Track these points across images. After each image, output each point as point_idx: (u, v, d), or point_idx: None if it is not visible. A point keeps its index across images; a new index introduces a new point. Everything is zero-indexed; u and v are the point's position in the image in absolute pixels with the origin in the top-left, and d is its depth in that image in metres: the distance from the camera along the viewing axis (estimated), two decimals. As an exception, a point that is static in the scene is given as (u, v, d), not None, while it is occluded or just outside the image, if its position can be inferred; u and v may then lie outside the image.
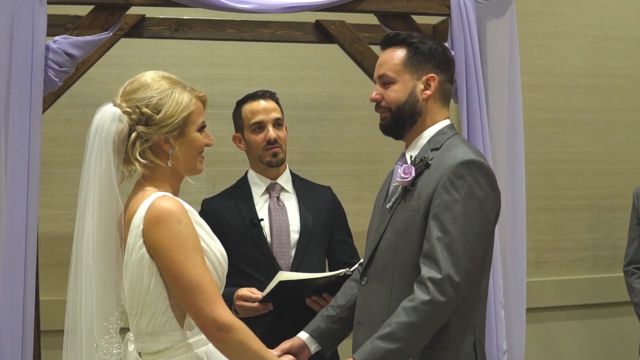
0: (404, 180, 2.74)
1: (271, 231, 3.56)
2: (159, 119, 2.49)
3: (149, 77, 2.58)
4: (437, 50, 2.85)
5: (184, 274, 2.39)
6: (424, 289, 2.56)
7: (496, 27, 3.89)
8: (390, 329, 2.57)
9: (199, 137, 2.59)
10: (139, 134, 2.49)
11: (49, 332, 3.96)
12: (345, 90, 4.89)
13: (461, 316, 2.68)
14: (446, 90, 2.87)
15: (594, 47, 5.37)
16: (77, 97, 4.35)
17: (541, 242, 5.21)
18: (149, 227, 2.42)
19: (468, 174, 2.63)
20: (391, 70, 2.83)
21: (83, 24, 3.59)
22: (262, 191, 3.64)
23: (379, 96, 2.86)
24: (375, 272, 2.80)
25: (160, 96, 2.52)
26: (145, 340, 2.52)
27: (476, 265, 2.64)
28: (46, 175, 4.14)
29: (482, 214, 2.63)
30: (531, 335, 4.32)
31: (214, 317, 2.38)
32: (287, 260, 3.55)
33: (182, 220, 2.42)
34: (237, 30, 4.04)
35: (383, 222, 2.81)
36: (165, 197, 2.46)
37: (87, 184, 2.51)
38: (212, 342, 2.46)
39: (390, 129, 2.87)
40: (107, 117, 2.49)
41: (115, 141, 2.48)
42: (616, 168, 5.39)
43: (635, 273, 4.40)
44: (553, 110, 5.28)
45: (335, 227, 3.73)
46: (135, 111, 2.50)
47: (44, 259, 3.93)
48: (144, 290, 2.46)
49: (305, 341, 2.97)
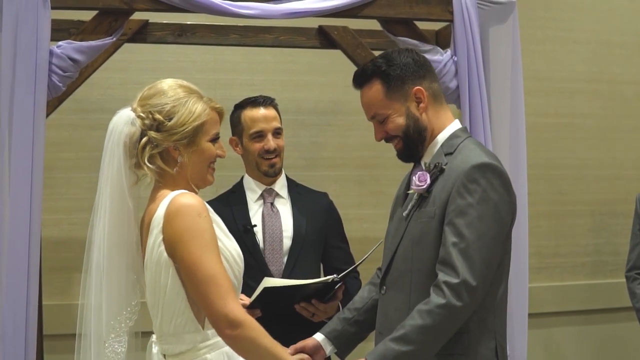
0: (419, 188, 2.72)
1: (264, 237, 3.56)
2: (170, 125, 2.52)
3: (166, 84, 2.60)
4: (407, 63, 2.79)
5: (200, 266, 2.41)
6: (439, 292, 2.54)
7: (499, 32, 3.89)
8: (403, 331, 2.55)
9: (210, 148, 2.61)
10: (150, 139, 2.53)
11: (51, 337, 3.98)
12: (348, 95, 4.84)
13: (480, 322, 2.65)
14: (435, 90, 2.83)
15: (596, 53, 5.38)
16: (81, 102, 4.37)
17: (543, 247, 5.21)
18: (168, 220, 2.46)
19: (482, 178, 2.60)
20: (378, 107, 2.79)
21: (87, 29, 3.59)
22: (257, 197, 3.64)
23: (382, 133, 2.83)
24: (393, 280, 2.78)
25: (174, 104, 2.54)
26: (169, 342, 2.55)
27: (493, 269, 2.62)
28: (49, 180, 4.15)
29: (497, 218, 2.61)
30: (533, 341, 4.32)
31: (226, 312, 2.39)
32: (279, 267, 3.55)
33: (201, 213, 2.46)
34: (240, 36, 4.05)
35: (399, 230, 2.79)
36: (185, 193, 2.50)
37: (100, 186, 2.55)
38: (223, 339, 2.47)
39: (406, 155, 2.84)
40: (122, 120, 2.54)
41: (126, 143, 2.53)
42: (618, 173, 5.39)
43: (638, 279, 4.40)
44: (555, 115, 5.29)
45: (330, 234, 3.72)
46: (148, 116, 2.53)
47: (47, 263, 3.94)
48: (162, 290, 2.49)
49: (320, 342, 2.95)
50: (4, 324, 3.30)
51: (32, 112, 3.36)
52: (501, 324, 2.75)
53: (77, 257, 4.38)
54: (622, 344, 5.18)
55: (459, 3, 3.79)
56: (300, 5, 3.68)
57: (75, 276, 4.45)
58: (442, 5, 3.83)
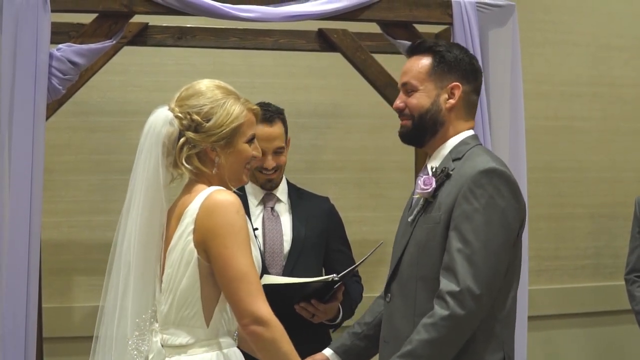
0: (424, 192, 2.69)
1: (264, 241, 3.58)
2: (208, 127, 2.54)
3: (204, 85, 2.63)
4: (463, 60, 2.79)
5: (234, 262, 2.42)
6: (442, 304, 2.51)
7: (498, 35, 3.89)
8: (411, 347, 2.52)
9: (246, 149, 2.62)
10: (188, 139, 2.54)
11: (51, 339, 3.97)
12: (348, 98, 4.90)
13: (487, 331, 2.61)
14: (471, 101, 2.81)
15: (596, 56, 5.38)
16: (81, 105, 4.37)
17: (543, 250, 5.21)
18: (204, 214, 2.47)
19: (488, 183, 2.57)
20: (415, 78, 2.77)
21: (87, 32, 3.59)
22: (258, 201, 3.66)
23: (402, 104, 2.79)
24: (399, 287, 2.75)
25: (212, 105, 2.57)
26: (170, 332, 2.55)
27: (499, 276, 2.57)
28: (49, 182, 4.15)
29: (504, 224, 2.57)
30: (533, 343, 4.32)
31: (254, 310, 2.41)
32: (278, 270, 3.56)
33: (239, 211, 2.48)
34: (240, 39, 4.05)
35: (405, 236, 2.76)
36: (223, 190, 2.53)
37: (133, 185, 2.56)
38: (246, 334, 2.47)
39: (409, 136, 2.81)
40: (160, 120, 2.55)
41: (165, 143, 2.54)
42: (618, 176, 5.39)
43: (637, 281, 4.40)
44: (555, 118, 5.29)
45: (331, 238, 3.73)
46: (186, 117, 2.55)
47: (47, 266, 3.94)
48: (179, 278, 2.50)
49: (329, 357, 2.95)
50: (4, 326, 3.30)
51: (32, 115, 3.36)
52: (509, 333, 2.70)
53: (76, 259, 4.44)
54: (622, 346, 5.18)
55: (458, 6, 3.79)
56: (300, 8, 3.68)
57: (75, 278, 4.46)
58: (442, 9, 3.83)
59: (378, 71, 3.99)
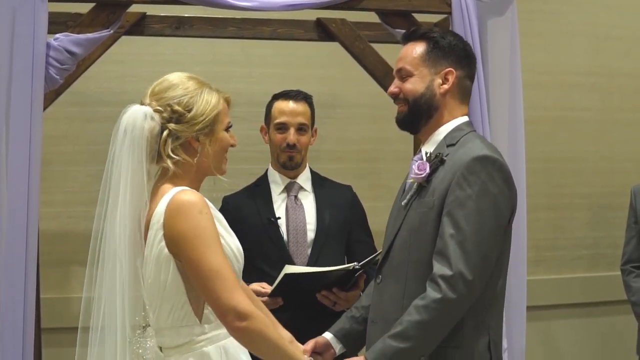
0: (418, 177, 2.72)
1: (288, 229, 3.60)
2: (191, 117, 2.55)
3: (176, 77, 2.62)
4: (457, 46, 2.83)
5: (205, 262, 2.42)
6: (435, 287, 2.55)
7: (497, 25, 3.89)
8: (401, 328, 2.56)
9: (226, 136, 2.65)
10: (171, 131, 2.54)
11: (49, 330, 3.97)
12: (346, 88, 4.89)
13: (476, 316, 2.65)
14: (465, 86, 2.85)
15: (595, 46, 5.37)
16: (78, 95, 4.35)
17: (541, 240, 5.21)
18: (169, 218, 2.47)
19: (482, 170, 2.60)
20: (409, 63, 2.81)
21: (84, 21, 3.59)
22: (281, 190, 3.69)
23: (396, 89, 2.84)
24: (390, 270, 2.79)
25: (191, 95, 2.57)
26: (165, 335, 2.56)
27: (490, 263, 2.61)
28: (47, 173, 4.14)
29: (496, 211, 2.61)
30: (531, 333, 4.32)
31: (234, 305, 2.41)
32: (303, 259, 3.58)
33: (202, 210, 2.47)
34: (238, 28, 4.04)
35: (398, 220, 2.79)
36: (185, 191, 2.51)
37: (116, 182, 2.55)
38: (230, 331, 2.48)
39: (406, 122, 2.85)
40: (139, 116, 2.53)
41: (148, 138, 2.53)
42: (616, 167, 5.39)
43: (633, 272, 4.41)
44: (553, 108, 5.28)
45: (353, 227, 3.74)
46: (166, 109, 2.55)
47: (45, 257, 3.93)
48: (162, 285, 2.50)
49: (329, 341, 2.96)
50: (2, 317, 3.30)
51: (30, 105, 3.35)
52: (497, 319, 2.76)
53: (74, 250, 4.43)
54: (620, 336, 5.19)
55: (457, -5, 3.79)
56: (298, -3, 3.69)
57: (73, 269, 4.45)
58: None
59: (377, 61, 3.99)
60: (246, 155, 4.32)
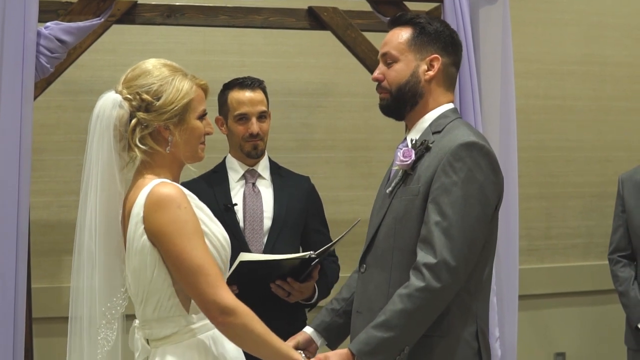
0: (403, 164, 2.70)
1: (244, 216, 3.58)
2: (159, 105, 2.51)
3: (150, 64, 2.58)
4: (443, 32, 2.81)
5: (186, 258, 2.40)
6: (419, 275, 2.52)
7: (489, 14, 3.88)
8: (385, 317, 2.54)
9: (199, 125, 2.60)
10: (139, 120, 2.51)
11: (40, 320, 3.97)
12: (338, 77, 4.88)
13: (462, 304, 2.63)
14: (450, 73, 2.83)
15: (588, 35, 5.37)
16: (69, 84, 4.34)
17: (533, 229, 5.22)
18: (149, 213, 2.44)
19: (468, 156, 2.58)
20: (395, 49, 2.79)
21: (75, 9, 3.57)
22: (239, 177, 3.66)
23: (380, 75, 2.82)
24: (375, 258, 2.76)
25: (161, 83, 2.53)
26: (152, 327, 2.54)
27: (476, 250, 2.59)
28: (38, 162, 4.13)
29: (481, 198, 2.58)
30: (523, 322, 4.33)
31: (217, 300, 2.40)
32: (259, 247, 3.56)
33: (181, 204, 2.44)
34: (230, 17, 4.02)
35: (383, 207, 2.77)
36: (164, 183, 2.48)
37: (88, 171, 2.53)
38: (215, 326, 2.47)
39: (390, 109, 2.83)
40: (108, 104, 2.51)
41: (116, 126, 2.50)
42: (609, 155, 5.40)
43: (620, 261, 4.40)
44: (546, 97, 5.28)
45: (310, 217, 3.73)
46: (135, 97, 2.51)
47: (36, 247, 3.93)
48: (148, 278, 2.47)
49: (311, 335, 2.96)
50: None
51: (20, 94, 3.34)
52: (483, 307, 2.74)
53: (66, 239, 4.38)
54: (612, 325, 5.19)
55: (449, -16, 3.78)
56: (289, -15, 3.68)
57: (65, 259, 4.44)
58: (433, -14, 3.83)
59: (368, 49, 3.98)
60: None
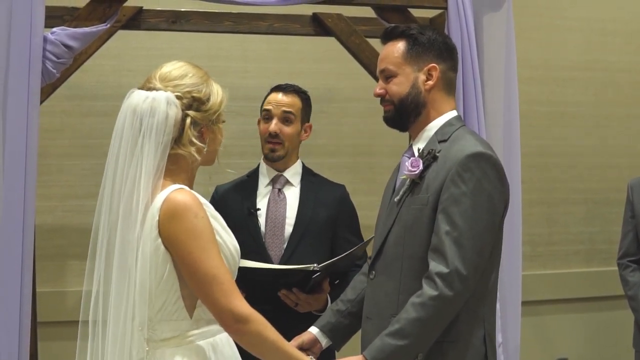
0: (411, 174, 2.73)
1: (266, 222, 3.57)
2: (210, 105, 2.54)
3: (184, 65, 2.59)
4: (436, 40, 2.84)
5: (201, 266, 2.40)
6: (431, 284, 2.56)
7: (493, 20, 3.89)
8: (399, 326, 2.58)
9: (221, 130, 2.63)
10: (192, 119, 2.51)
11: (46, 324, 3.97)
12: (342, 83, 4.89)
13: (470, 310, 2.67)
14: (449, 78, 2.87)
15: (590, 41, 5.38)
16: (75, 89, 4.36)
17: (536, 235, 5.23)
18: (164, 219, 2.43)
19: (476, 167, 2.63)
20: (392, 64, 2.83)
21: (81, 15, 3.59)
22: (267, 182, 3.66)
23: (382, 91, 2.86)
24: (384, 266, 2.80)
25: (205, 84, 2.56)
26: (154, 328, 2.52)
27: (484, 258, 2.64)
28: (43, 167, 4.14)
29: (490, 207, 2.63)
30: (526, 328, 4.33)
31: (231, 309, 2.40)
32: (278, 252, 3.55)
33: (198, 214, 2.43)
34: (234, 23, 4.04)
35: (391, 216, 2.80)
36: (182, 191, 2.47)
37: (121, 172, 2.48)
38: (229, 334, 2.48)
39: (394, 121, 2.88)
40: (161, 101, 2.46)
41: (173, 125, 2.47)
42: (611, 161, 5.41)
43: (629, 266, 4.41)
44: (549, 103, 5.29)
45: (339, 226, 3.68)
46: (186, 96, 2.51)
47: (41, 251, 3.94)
48: (157, 280, 2.46)
49: (316, 336, 2.99)
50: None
51: (26, 99, 3.35)
52: (490, 312, 2.78)
53: (70, 243, 4.44)
54: (615, 331, 5.20)
55: (453, -10, 3.79)
56: (294, -8, 3.69)
57: (69, 263, 4.46)
58: (437, -7, 3.84)
59: (372, 55, 3.98)
60: (242, 150, 4.34)
